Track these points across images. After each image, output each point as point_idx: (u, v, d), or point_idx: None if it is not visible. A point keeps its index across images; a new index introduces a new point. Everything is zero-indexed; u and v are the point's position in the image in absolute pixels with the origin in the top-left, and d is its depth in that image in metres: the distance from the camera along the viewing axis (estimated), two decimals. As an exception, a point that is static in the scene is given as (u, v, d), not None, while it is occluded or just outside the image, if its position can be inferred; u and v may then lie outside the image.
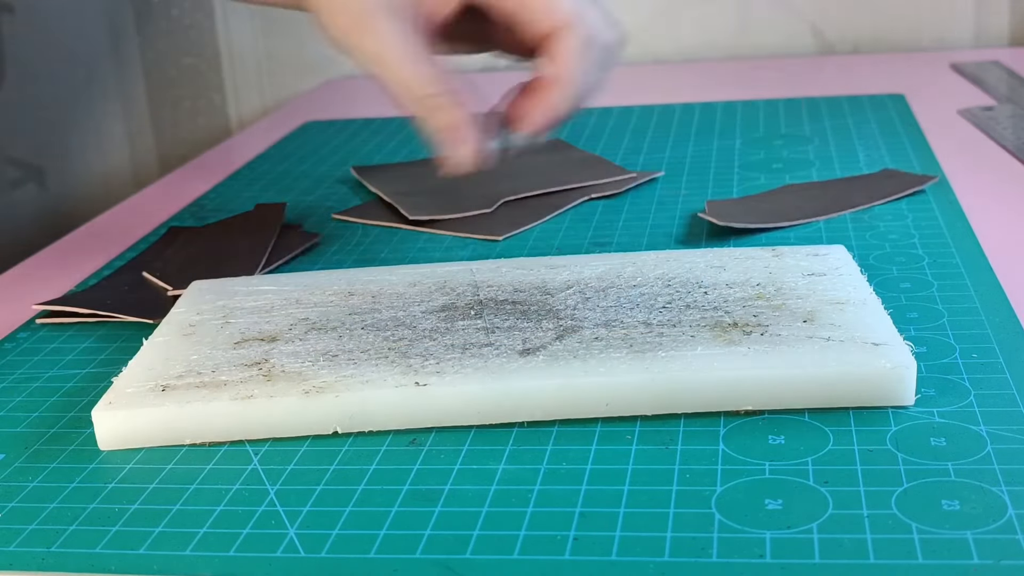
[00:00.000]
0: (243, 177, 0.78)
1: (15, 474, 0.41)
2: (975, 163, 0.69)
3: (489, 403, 0.41)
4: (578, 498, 0.36)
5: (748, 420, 0.40)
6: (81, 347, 0.51)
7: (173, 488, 0.39)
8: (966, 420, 0.39)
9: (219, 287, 0.52)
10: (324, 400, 0.41)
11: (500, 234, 0.61)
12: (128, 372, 0.44)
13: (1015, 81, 0.88)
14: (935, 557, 0.32)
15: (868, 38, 1.05)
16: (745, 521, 0.35)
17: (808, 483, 0.36)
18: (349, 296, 0.50)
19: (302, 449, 0.41)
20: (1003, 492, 0.35)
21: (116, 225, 0.71)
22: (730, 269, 0.49)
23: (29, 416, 0.45)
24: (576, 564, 0.33)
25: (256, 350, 0.45)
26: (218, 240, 0.63)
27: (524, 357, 0.42)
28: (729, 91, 0.90)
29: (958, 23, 1.04)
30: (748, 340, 0.42)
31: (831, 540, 0.33)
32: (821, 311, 0.44)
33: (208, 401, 0.41)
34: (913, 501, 0.35)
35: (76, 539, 0.37)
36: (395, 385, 0.41)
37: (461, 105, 0.50)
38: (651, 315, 0.45)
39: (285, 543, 0.35)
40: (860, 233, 0.57)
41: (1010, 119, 0.77)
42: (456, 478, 0.38)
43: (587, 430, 0.40)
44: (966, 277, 0.51)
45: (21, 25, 0.79)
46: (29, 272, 0.64)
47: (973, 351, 0.44)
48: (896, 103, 0.83)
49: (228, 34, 1.10)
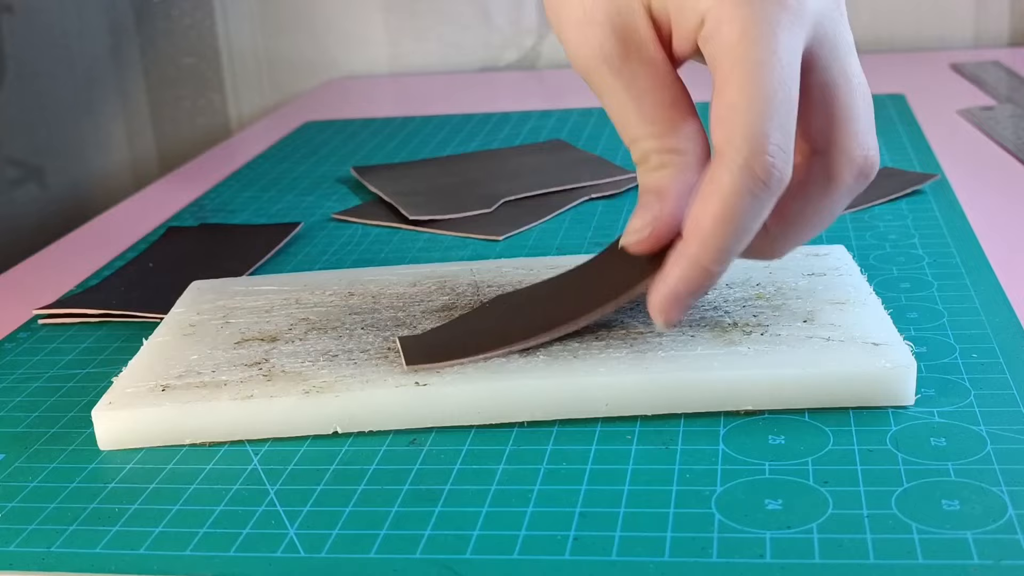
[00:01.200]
0: (243, 177, 0.78)
1: (15, 474, 0.41)
2: (975, 163, 0.69)
3: (489, 403, 0.41)
4: (578, 498, 0.36)
5: (748, 420, 0.40)
6: (81, 347, 0.51)
7: (173, 488, 0.39)
8: (966, 420, 0.39)
9: (219, 287, 0.52)
10: (324, 400, 0.41)
11: (500, 234, 0.61)
12: (128, 372, 0.44)
13: (1015, 81, 0.88)
14: (935, 557, 0.32)
15: (868, 38, 1.05)
16: (745, 521, 0.35)
17: (808, 483, 0.36)
18: (349, 296, 0.50)
19: (302, 449, 0.41)
20: (1003, 492, 0.35)
21: (116, 225, 0.71)
22: (730, 269, 0.49)
23: (29, 416, 0.45)
24: (576, 564, 0.33)
25: (256, 350, 0.45)
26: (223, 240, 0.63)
27: (524, 357, 0.42)
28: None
29: (958, 23, 1.04)
30: (748, 340, 0.42)
31: (831, 540, 0.33)
32: (821, 311, 0.44)
33: (208, 401, 0.41)
34: (913, 501, 0.35)
35: (76, 539, 0.37)
36: (395, 385, 0.41)
37: (677, 169, 0.40)
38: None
39: (285, 543, 0.35)
40: (860, 233, 0.57)
41: (1010, 119, 0.77)
42: (456, 478, 0.38)
43: (587, 430, 0.40)
44: (966, 277, 0.51)
45: (21, 25, 0.79)
46: (29, 272, 0.64)
47: (973, 351, 0.44)
48: (896, 103, 0.83)
49: (228, 34, 1.10)
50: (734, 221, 0.37)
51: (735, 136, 0.36)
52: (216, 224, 0.67)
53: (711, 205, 0.37)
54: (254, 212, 0.70)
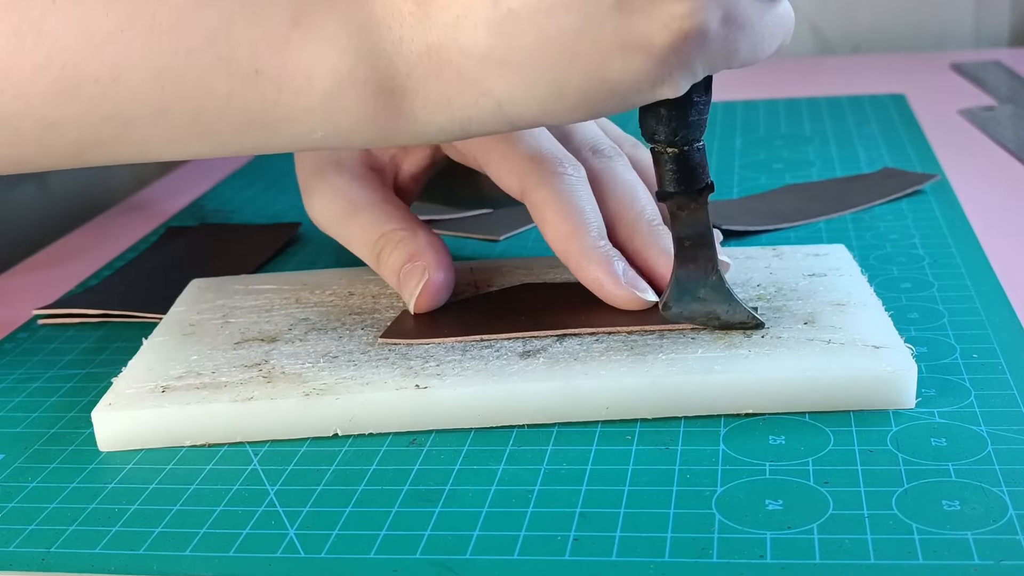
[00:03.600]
0: (243, 177, 0.78)
1: (15, 474, 0.41)
2: (975, 163, 0.69)
3: (489, 406, 0.41)
4: (578, 498, 0.36)
5: (748, 420, 0.40)
6: (81, 347, 0.51)
7: (173, 488, 0.39)
8: (967, 420, 0.39)
9: (219, 286, 0.52)
10: (324, 403, 0.41)
11: (500, 234, 0.61)
12: (128, 372, 0.44)
13: (1015, 81, 0.88)
14: (935, 557, 0.32)
15: (868, 38, 1.05)
16: (745, 521, 0.35)
17: (808, 483, 0.36)
18: (349, 296, 0.50)
19: (302, 449, 0.41)
20: (1004, 492, 0.35)
21: (116, 225, 0.71)
22: (730, 270, 0.49)
23: (29, 416, 0.45)
24: (576, 564, 0.33)
25: (256, 351, 0.45)
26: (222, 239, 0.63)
27: (524, 359, 0.42)
28: (729, 91, 0.90)
29: (958, 23, 1.04)
30: (749, 343, 0.42)
31: (831, 540, 0.33)
32: (822, 313, 0.44)
33: (208, 403, 0.41)
34: (913, 501, 0.35)
35: (76, 539, 0.37)
36: (395, 388, 0.41)
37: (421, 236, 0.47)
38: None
39: (285, 543, 0.35)
40: (860, 233, 0.57)
41: (1010, 119, 0.77)
42: (456, 478, 0.38)
43: (587, 430, 0.40)
44: (966, 277, 0.51)
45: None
46: (29, 272, 0.64)
47: (973, 351, 0.44)
48: (896, 103, 0.83)
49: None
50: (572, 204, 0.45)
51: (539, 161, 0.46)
52: (216, 224, 0.67)
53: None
54: (254, 212, 0.69)
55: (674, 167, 0.41)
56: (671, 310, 0.43)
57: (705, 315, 0.43)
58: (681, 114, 0.40)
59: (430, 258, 0.46)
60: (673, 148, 0.40)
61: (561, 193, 0.45)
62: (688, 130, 0.40)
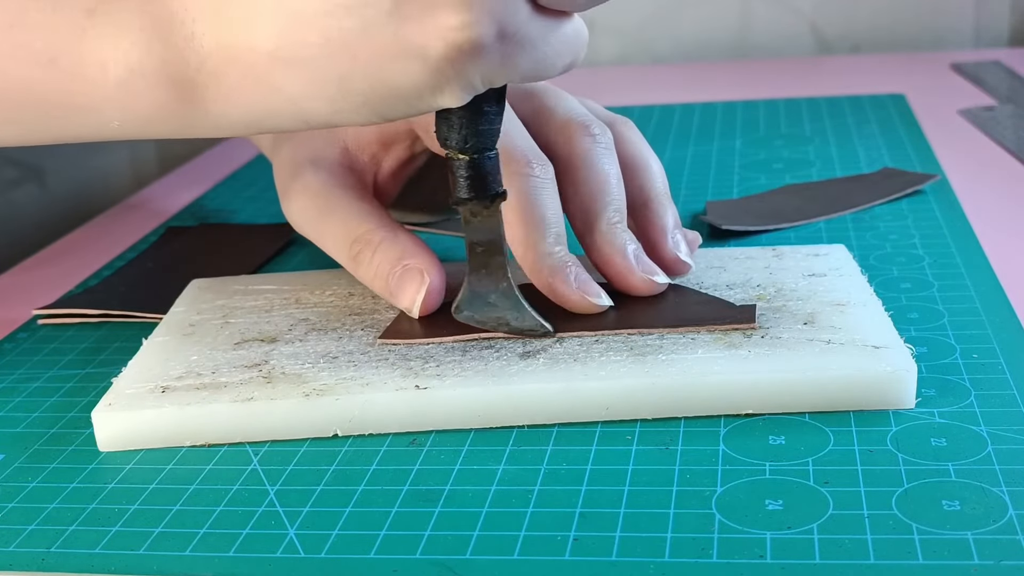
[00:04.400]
0: (243, 177, 0.78)
1: (15, 474, 0.41)
2: (975, 163, 0.69)
3: (489, 406, 0.41)
4: (578, 499, 0.36)
5: (748, 420, 0.40)
6: (81, 347, 0.51)
7: (173, 488, 0.39)
8: (967, 420, 0.39)
9: (219, 285, 0.52)
10: (324, 403, 0.41)
11: (500, 234, 0.61)
12: (128, 373, 0.44)
13: (1015, 81, 0.88)
14: (935, 557, 0.32)
15: (868, 38, 1.05)
16: (745, 521, 0.35)
17: (808, 483, 0.36)
18: (349, 296, 0.50)
19: (302, 449, 0.41)
20: (1004, 492, 0.35)
21: (116, 225, 0.71)
22: (730, 270, 0.49)
23: (29, 416, 0.45)
24: (576, 565, 0.33)
25: (256, 351, 0.45)
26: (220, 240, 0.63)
27: (524, 360, 0.42)
28: (729, 91, 0.90)
29: (958, 23, 1.04)
30: (749, 343, 0.42)
31: (831, 540, 0.33)
32: (822, 313, 0.44)
33: (208, 403, 0.41)
34: (913, 501, 0.35)
35: (76, 539, 0.37)
36: (395, 388, 0.41)
37: (403, 239, 0.47)
38: (651, 315, 0.45)
39: (285, 543, 0.35)
40: (860, 233, 0.57)
41: (1010, 119, 0.77)
42: (456, 478, 0.38)
43: (587, 431, 0.40)
44: (966, 277, 0.51)
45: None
46: (29, 272, 0.64)
47: (973, 351, 0.44)
48: (896, 103, 0.83)
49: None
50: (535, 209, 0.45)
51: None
52: (216, 224, 0.67)
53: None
54: (254, 212, 0.69)
55: (465, 174, 0.41)
56: (463, 313, 0.44)
57: (495, 320, 0.44)
58: (471, 123, 0.40)
59: (423, 261, 0.46)
60: (464, 155, 0.41)
61: (524, 195, 0.45)
62: (478, 138, 0.40)
